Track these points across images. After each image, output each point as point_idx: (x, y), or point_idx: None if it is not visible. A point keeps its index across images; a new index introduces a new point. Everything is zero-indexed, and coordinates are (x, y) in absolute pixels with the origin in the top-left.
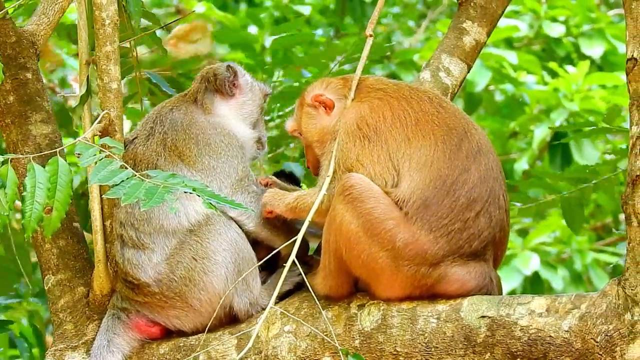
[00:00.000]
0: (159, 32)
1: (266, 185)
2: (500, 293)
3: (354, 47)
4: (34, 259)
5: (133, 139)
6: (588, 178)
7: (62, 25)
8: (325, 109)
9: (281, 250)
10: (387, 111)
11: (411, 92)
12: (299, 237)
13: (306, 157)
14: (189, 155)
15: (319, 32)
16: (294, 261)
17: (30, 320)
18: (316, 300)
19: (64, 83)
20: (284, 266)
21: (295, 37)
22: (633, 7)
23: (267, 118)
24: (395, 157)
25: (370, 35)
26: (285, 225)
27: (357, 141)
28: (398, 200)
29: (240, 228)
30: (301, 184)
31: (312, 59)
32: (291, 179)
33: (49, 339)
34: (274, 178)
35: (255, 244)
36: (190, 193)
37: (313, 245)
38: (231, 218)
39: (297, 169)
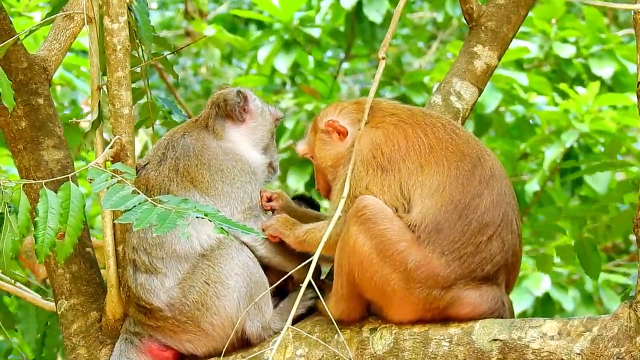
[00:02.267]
0: (170, 56)
1: (270, 199)
2: (512, 316)
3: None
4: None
5: (145, 165)
6: (595, 215)
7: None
8: (339, 135)
9: (293, 274)
10: (401, 139)
11: (425, 119)
12: (314, 262)
13: (316, 180)
14: (202, 181)
15: (329, 54)
16: (307, 285)
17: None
18: (333, 320)
19: (74, 106)
20: (299, 287)
21: None
22: None
23: None
24: (406, 185)
25: (383, 58)
26: (297, 251)
27: (370, 170)
28: (410, 225)
29: (253, 253)
30: (320, 209)
31: None
32: (310, 204)
33: None
34: (280, 193)
35: (267, 269)
36: (202, 218)
37: (325, 269)
38: (243, 242)
39: None
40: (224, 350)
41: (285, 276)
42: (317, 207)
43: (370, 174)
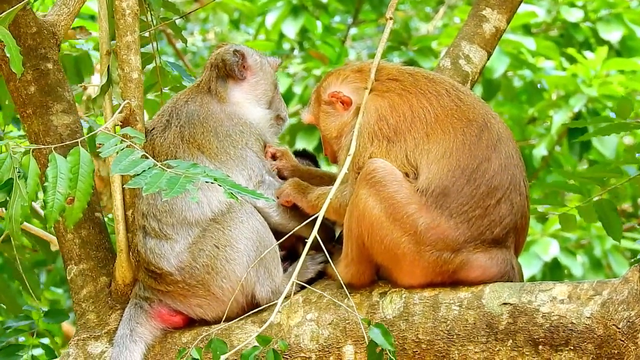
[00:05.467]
0: (178, 21)
1: (274, 157)
2: (522, 280)
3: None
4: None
5: (151, 130)
6: (609, 177)
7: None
8: (343, 104)
9: (304, 236)
10: (406, 110)
11: (428, 87)
12: (318, 220)
13: (324, 147)
14: (210, 148)
15: (337, 19)
16: (316, 249)
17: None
18: (343, 283)
19: None
20: (306, 241)
21: None
22: None
23: None
24: (412, 154)
25: (390, 18)
26: (311, 216)
27: (375, 141)
28: (418, 191)
29: (267, 220)
30: (320, 165)
31: None
32: (312, 160)
33: (65, 325)
34: (285, 151)
35: (281, 235)
36: (212, 183)
37: (337, 233)
38: (256, 208)
39: None
40: (229, 314)
41: (289, 234)
42: (318, 162)
43: (375, 144)
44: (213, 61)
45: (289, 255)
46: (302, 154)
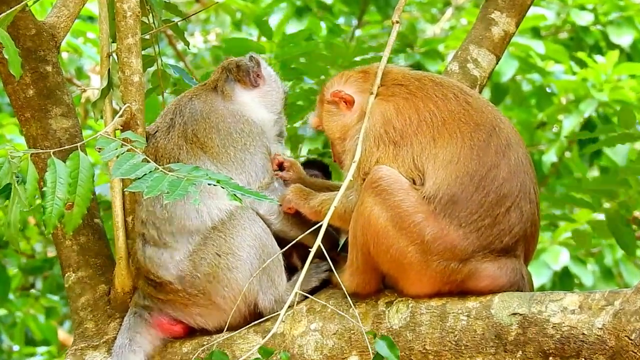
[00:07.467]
0: (179, 23)
1: (280, 166)
2: (532, 289)
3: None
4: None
5: (154, 133)
6: (617, 188)
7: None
8: (346, 104)
9: (308, 245)
10: (413, 114)
11: (435, 91)
12: (322, 229)
13: (332, 151)
14: (211, 146)
15: (341, 20)
16: (321, 257)
17: (47, 316)
18: (347, 294)
19: (80, 73)
20: (309, 251)
21: (300, 48)
22: None
23: None
24: (419, 159)
25: (397, 22)
26: (314, 224)
27: (381, 145)
28: (425, 197)
29: (269, 228)
30: (331, 173)
31: (313, 67)
32: (321, 169)
33: (61, 333)
34: (294, 162)
35: (284, 243)
36: (214, 185)
37: (342, 241)
38: (256, 214)
39: None
40: (231, 324)
41: (294, 241)
42: (328, 172)
43: (382, 149)
44: (226, 65)
45: (287, 265)
46: (312, 164)
